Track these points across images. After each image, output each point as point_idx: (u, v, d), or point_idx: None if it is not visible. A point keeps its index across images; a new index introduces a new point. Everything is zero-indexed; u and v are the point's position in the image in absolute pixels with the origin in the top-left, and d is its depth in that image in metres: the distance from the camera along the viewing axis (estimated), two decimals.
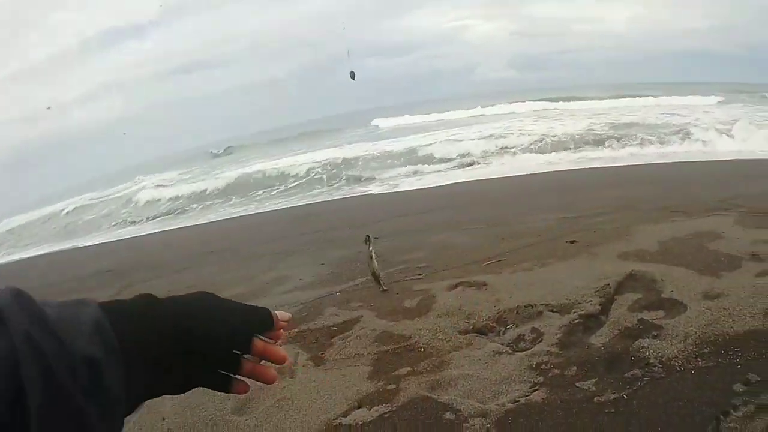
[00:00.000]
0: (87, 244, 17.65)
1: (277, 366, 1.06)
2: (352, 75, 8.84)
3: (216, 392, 0.98)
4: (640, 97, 41.26)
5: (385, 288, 2.26)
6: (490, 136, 25.84)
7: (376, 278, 2.20)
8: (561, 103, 42.56)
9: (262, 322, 1.04)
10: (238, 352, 1.00)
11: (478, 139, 24.70)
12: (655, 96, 41.38)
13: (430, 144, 25.61)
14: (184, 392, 0.95)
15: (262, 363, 1.03)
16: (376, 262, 2.05)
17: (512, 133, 25.78)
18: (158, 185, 30.62)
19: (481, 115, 42.98)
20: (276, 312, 1.07)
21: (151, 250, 13.32)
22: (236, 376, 1.01)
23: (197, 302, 0.96)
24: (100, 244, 17.29)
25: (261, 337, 1.03)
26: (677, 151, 17.63)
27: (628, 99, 40.48)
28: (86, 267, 12.13)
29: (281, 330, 1.08)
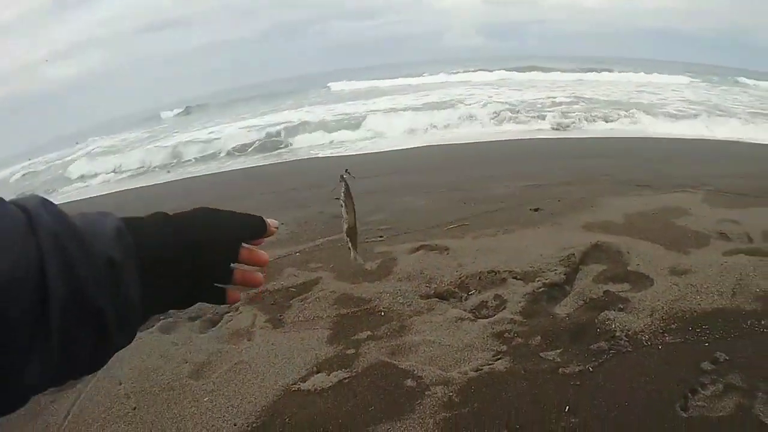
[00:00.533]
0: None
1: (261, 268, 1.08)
2: None
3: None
4: (609, 72, 41.37)
5: (357, 259, 1.48)
6: (450, 101, 25.73)
7: (351, 240, 1.45)
8: (533, 73, 42.43)
9: (256, 229, 1.09)
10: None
11: (432, 107, 24.45)
12: (623, 71, 41.58)
13: (382, 110, 25.19)
14: (188, 307, 1.00)
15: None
16: (353, 215, 1.42)
17: (472, 101, 25.65)
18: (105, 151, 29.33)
19: (445, 81, 42.64)
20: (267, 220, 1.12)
21: (108, 208, 13.01)
22: (229, 286, 1.04)
23: (199, 218, 1.00)
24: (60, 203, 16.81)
25: (245, 244, 1.06)
26: (643, 129, 17.67)
27: (595, 73, 40.58)
28: None
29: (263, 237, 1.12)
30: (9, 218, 0.70)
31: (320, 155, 17.31)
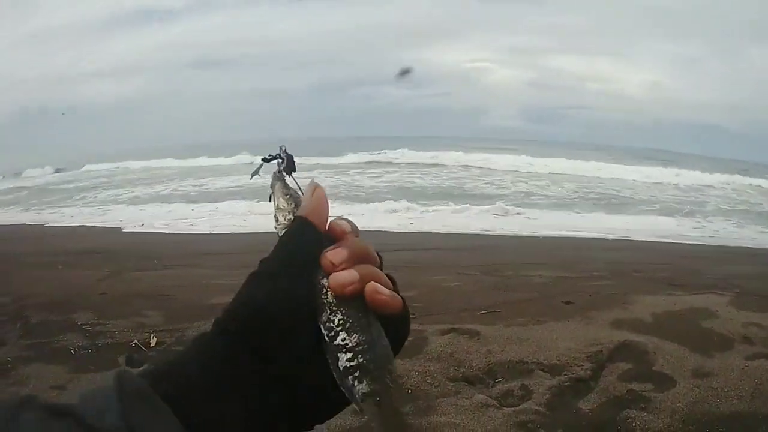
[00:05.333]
0: (74, 225, 17.62)
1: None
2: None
3: None
4: (654, 166, 40.71)
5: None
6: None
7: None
8: (577, 161, 41.95)
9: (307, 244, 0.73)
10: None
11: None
12: (667, 166, 41.01)
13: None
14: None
15: None
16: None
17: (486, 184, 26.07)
18: None
19: (486, 161, 42.40)
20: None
21: (145, 242, 13.39)
22: None
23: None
24: (87, 226, 17.21)
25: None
26: (674, 227, 17.57)
27: (635, 167, 39.99)
28: (73, 244, 12.67)
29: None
30: None
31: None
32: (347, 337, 0.69)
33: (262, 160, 0.99)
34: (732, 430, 4.00)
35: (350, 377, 0.70)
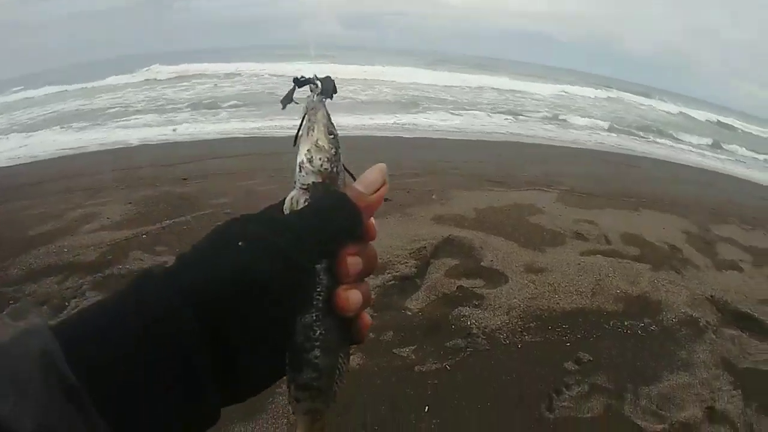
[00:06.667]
0: None
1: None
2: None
3: None
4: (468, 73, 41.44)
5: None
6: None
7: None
8: (393, 67, 41.92)
9: (346, 231, 0.69)
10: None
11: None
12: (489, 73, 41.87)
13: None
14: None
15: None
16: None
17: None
18: None
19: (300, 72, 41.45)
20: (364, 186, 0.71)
21: None
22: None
23: (221, 267, 0.61)
24: None
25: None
26: (493, 128, 17.96)
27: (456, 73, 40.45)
28: None
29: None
30: None
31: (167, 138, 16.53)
32: (321, 356, 0.67)
33: (294, 81, 0.77)
34: (575, 326, 3.85)
35: (305, 392, 0.68)
